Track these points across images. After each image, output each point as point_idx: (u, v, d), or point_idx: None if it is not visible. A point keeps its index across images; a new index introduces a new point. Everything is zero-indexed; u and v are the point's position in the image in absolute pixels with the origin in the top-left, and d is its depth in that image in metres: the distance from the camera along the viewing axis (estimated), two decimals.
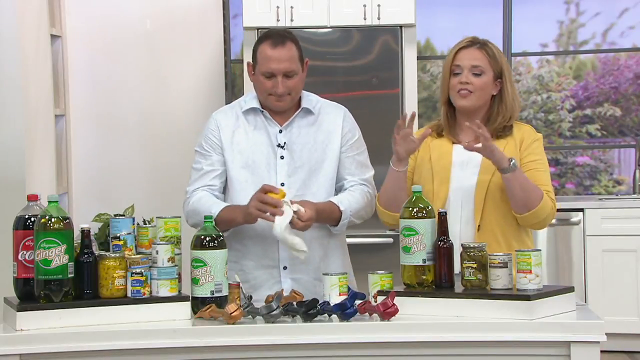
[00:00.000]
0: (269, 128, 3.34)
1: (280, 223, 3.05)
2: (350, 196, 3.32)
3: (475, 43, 3.22)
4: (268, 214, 3.08)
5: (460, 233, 3.15)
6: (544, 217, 3.13)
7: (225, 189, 3.37)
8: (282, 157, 3.32)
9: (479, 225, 3.15)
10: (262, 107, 3.34)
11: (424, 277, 2.87)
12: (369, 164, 3.44)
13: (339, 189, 3.39)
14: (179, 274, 2.92)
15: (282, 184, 3.29)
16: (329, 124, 3.37)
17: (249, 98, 3.39)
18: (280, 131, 3.33)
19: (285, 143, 3.32)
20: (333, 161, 3.35)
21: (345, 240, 3.47)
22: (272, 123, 3.34)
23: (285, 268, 3.29)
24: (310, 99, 3.39)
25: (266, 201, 3.09)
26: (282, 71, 3.24)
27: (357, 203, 3.31)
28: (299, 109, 3.34)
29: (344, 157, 3.37)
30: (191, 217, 3.28)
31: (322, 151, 3.34)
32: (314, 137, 3.34)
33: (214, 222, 2.97)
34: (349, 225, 3.33)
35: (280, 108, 3.31)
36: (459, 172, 3.19)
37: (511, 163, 3.05)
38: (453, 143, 3.26)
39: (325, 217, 3.25)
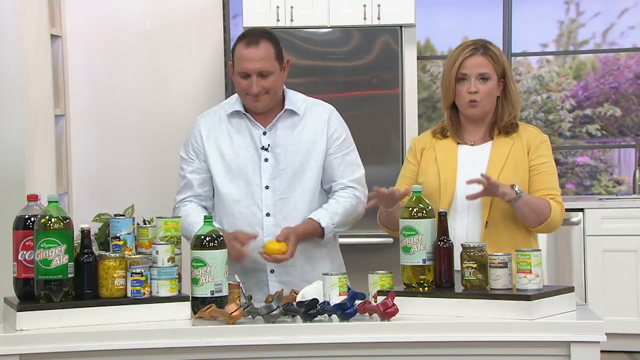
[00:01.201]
0: (253, 130, 3.32)
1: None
2: (334, 207, 3.30)
3: (478, 49, 3.20)
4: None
5: (467, 230, 3.15)
6: (556, 224, 3.18)
7: (213, 195, 3.38)
8: (266, 160, 3.30)
9: (486, 222, 3.15)
10: (245, 110, 3.33)
11: (424, 277, 2.87)
12: (358, 163, 3.41)
13: (328, 191, 3.38)
14: (179, 274, 2.92)
15: (267, 187, 3.29)
16: (314, 124, 3.34)
17: (233, 100, 3.38)
18: (264, 133, 3.32)
19: (269, 145, 3.31)
20: (318, 162, 3.33)
21: (334, 242, 3.46)
22: (256, 125, 3.32)
23: (272, 272, 3.30)
24: (296, 99, 3.36)
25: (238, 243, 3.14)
26: (255, 71, 3.22)
27: (342, 213, 3.31)
28: (282, 110, 3.33)
29: (332, 159, 3.35)
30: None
31: (306, 152, 3.32)
32: (298, 139, 3.32)
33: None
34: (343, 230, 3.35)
35: (257, 109, 3.30)
36: (465, 171, 3.18)
37: (517, 191, 3.07)
38: (458, 143, 3.26)
39: (308, 237, 3.27)
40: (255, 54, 3.22)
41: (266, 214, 3.29)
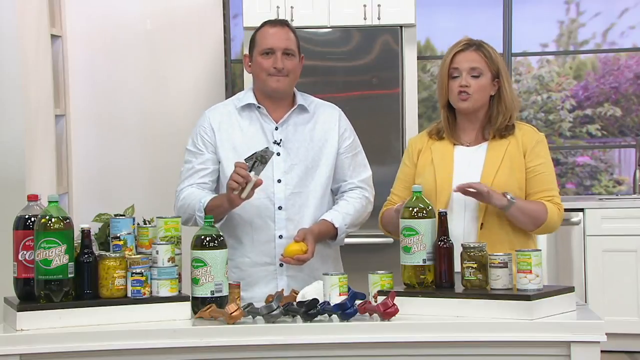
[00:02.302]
0: (265, 125, 3.34)
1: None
2: (345, 207, 3.33)
3: (471, 45, 3.22)
4: (237, 185, 3.06)
5: (464, 231, 3.15)
6: (554, 226, 3.20)
7: (218, 188, 3.37)
8: (278, 154, 3.32)
9: (482, 224, 3.15)
10: (258, 103, 3.34)
11: (424, 277, 2.86)
12: (366, 164, 3.45)
13: (336, 191, 3.40)
14: (179, 274, 2.92)
15: (279, 181, 3.30)
16: (325, 123, 3.38)
17: (245, 93, 3.39)
18: (276, 128, 3.33)
19: (281, 140, 3.32)
20: (330, 160, 3.35)
21: (337, 247, 3.46)
22: (268, 119, 3.34)
23: (281, 265, 3.29)
24: (304, 98, 3.40)
25: (238, 173, 3.07)
26: (281, 48, 3.28)
27: (353, 214, 3.33)
28: (295, 106, 3.35)
29: (342, 158, 3.38)
30: (182, 214, 3.26)
31: (318, 149, 3.35)
32: (310, 135, 3.35)
33: (204, 212, 3.09)
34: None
35: (276, 90, 3.30)
36: (461, 173, 3.19)
37: (509, 198, 3.09)
38: (454, 145, 3.26)
39: (323, 238, 3.30)
40: (282, 33, 3.31)
41: (278, 207, 3.30)
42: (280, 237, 3.30)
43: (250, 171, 3.06)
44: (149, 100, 6.34)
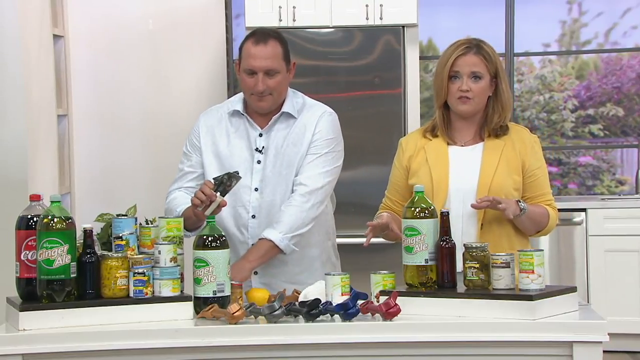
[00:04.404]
0: (250, 131, 3.32)
1: None
2: (284, 216, 3.23)
3: (471, 48, 3.19)
4: (200, 203, 3.05)
5: (463, 232, 3.14)
6: (550, 229, 3.23)
7: None
8: (258, 162, 3.30)
9: (482, 224, 3.15)
10: (243, 110, 3.32)
11: (426, 277, 2.86)
12: (327, 171, 3.31)
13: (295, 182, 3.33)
14: (182, 274, 2.92)
15: (256, 189, 3.29)
16: (303, 126, 3.31)
17: (236, 100, 3.38)
18: (261, 135, 3.32)
19: (263, 147, 3.31)
20: (299, 164, 3.29)
21: (326, 249, 3.43)
22: (254, 126, 3.32)
23: (255, 273, 3.29)
24: (296, 101, 3.34)
25: (202, 191, 3.07)
26: (262, 69, 3.22)
27: (294, 221, 3.22)
28: (279, 113, 3.31)
29: (306, 156, 3.29)
30: (168, 216, 3.23)
31: (293, 155, 3.30)
32: (287, 141, 3.30)
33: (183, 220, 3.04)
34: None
35: (261, 109, 3.29)
36: (457, 172, 3.18)
37: (522, 207, 3.09)
38: (448, 144, 3.25)
39: (268, 258, 3.23)
40: (263, 52, 3.22)
41: (252, 216, 3.30)
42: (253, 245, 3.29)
43: (215, 191, 3.06)
44: (151, 100, 6.34)
